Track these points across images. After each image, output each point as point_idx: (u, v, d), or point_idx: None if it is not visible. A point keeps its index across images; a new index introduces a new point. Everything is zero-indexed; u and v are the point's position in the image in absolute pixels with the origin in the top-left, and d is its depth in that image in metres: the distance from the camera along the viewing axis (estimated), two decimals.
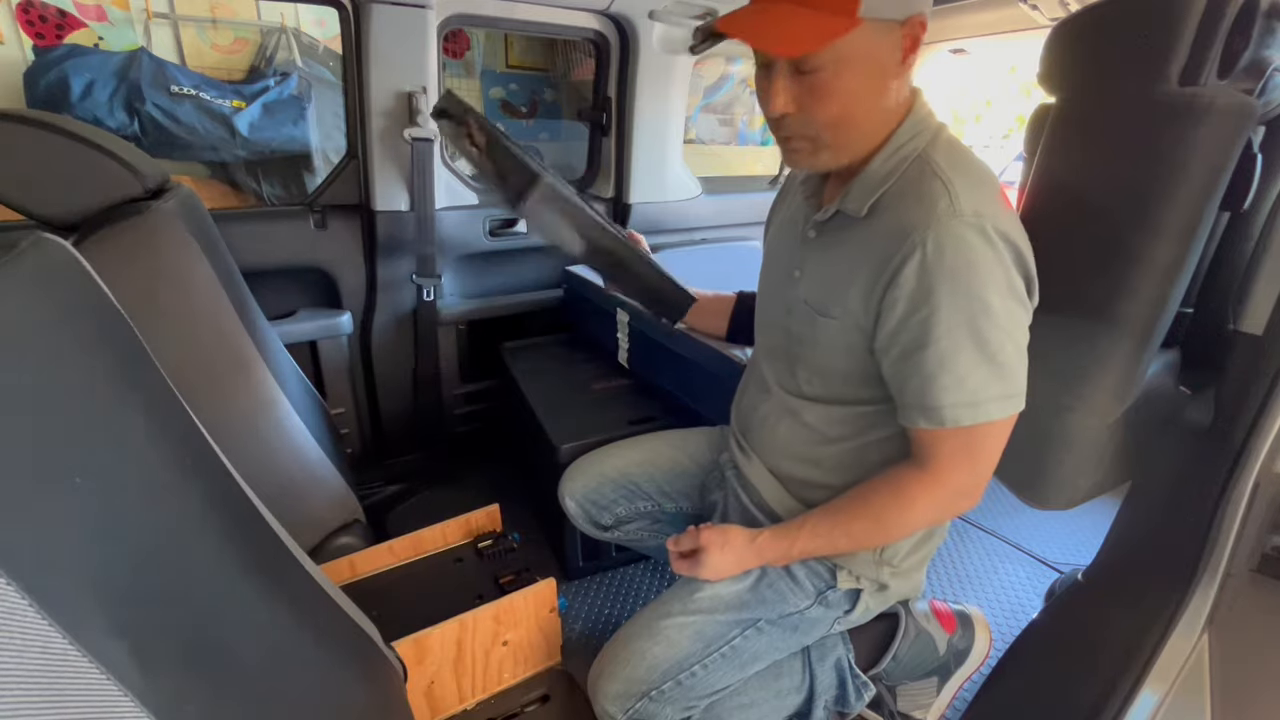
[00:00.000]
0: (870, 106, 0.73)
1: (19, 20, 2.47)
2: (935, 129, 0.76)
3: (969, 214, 0.68)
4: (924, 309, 0.69)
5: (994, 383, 0.70)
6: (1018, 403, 0.73)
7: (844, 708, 0.98)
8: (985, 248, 0.68)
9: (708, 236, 2.24)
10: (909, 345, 0.72)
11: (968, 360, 0.70)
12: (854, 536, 0.83)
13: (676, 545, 0.89)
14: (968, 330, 0.69)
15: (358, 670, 0.76)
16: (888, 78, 0.71)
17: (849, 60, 0.68)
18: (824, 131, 0.73)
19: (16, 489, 0.36)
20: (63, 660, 0.33)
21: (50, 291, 0.50)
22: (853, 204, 0.76)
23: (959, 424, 0.71)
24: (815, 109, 0.71)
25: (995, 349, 0.69)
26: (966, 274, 0.68)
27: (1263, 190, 0.80)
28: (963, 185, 0.70)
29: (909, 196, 0.72)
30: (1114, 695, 0.76)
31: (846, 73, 0.69)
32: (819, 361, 0.83)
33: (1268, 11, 0.75)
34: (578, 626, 1.34)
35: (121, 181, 0.95)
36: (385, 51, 1.47)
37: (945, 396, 0.71)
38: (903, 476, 0.78)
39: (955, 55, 1.95)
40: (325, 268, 1.65)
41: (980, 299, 0.68)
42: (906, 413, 0.76)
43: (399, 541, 1.22)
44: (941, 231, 0.68)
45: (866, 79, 0.70)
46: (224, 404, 1.04)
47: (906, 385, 0.74)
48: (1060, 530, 1.69)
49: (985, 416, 0.71)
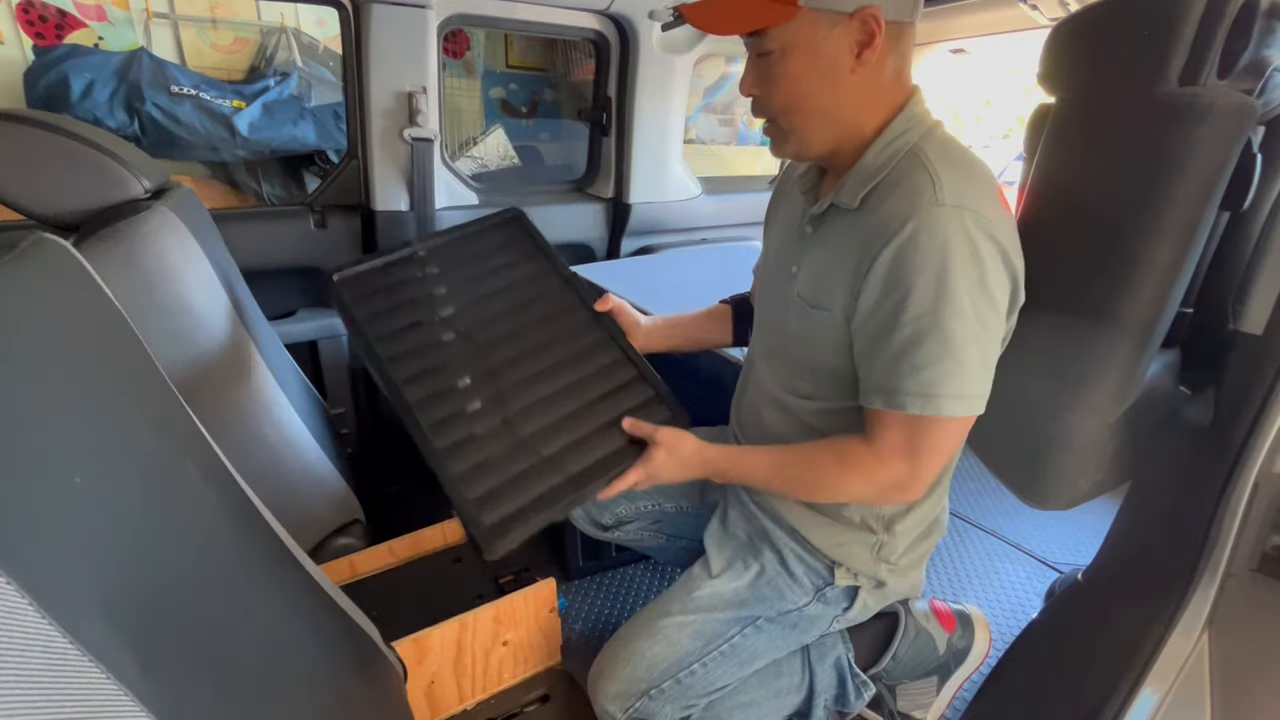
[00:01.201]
0: (823, 97, 0.74)
1: (19, 20, 2.47)
2: (930, 125, 0.76)
3: (950, 205, 0.68)
4: (895, 294, 0.70)
5: (951, 380, 0.70)
6: (973, 405, 0.72)
7: (844, 707, 0.98)
8: (962, 241, 0.68)
9: (708, 237, 2.24)
10: (876, 330, 0.73)
11: (928, 351, 0.70)
12: (788, 483, 0.84)
13: (636, 429, 0.86)
14: (932, 321, 0.69)
15: (358, 670, 0.76)
16: (839, 70, 0.72)
17: (794, 47, 0.71)
18: (780, 117, 0.77)
19: (17, 488, 0.36)
20: (63, 660, 0.33)
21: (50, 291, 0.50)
22: (845, 197, 0.77)
23: (906, 410, 0.72)
24: (768, 93, 0.76)
25: (958, 346, 0.69)
26: (939, 265, 0.68)
27: (1263, 190, 0.80)
28: (949, 178, 0.70)
29: (898, 188, 0.72)
30: (1114, 695, 0.76)
31: (792, 59, 0.72)
32: (812, 359, 0.83)
33: (1268, 11, 0.75)
34: (578, 626, 1.34)
35: (121, 181, 0.95)
36: (385, 51, 1.47)
37: (902, 382, 0.71)
38: (850, 446, 0.79)
39: (955, 55, 1.95)
40: (325, 268, 1.65)
41: (950, 292, 0.68)
42: (866, 393, 0.76)
43: (399, 541, 1.22)
44: (921, 220, 0.68)
45: (812, 68, 0.72)
46: (224, 404, 1.04)
47: (872, 367, 0.75)
48: (1060, 530, 1.69)
49: (935, 410, 0.71)
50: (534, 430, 0.88)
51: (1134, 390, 0.84)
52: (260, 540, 0.68)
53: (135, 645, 0.39)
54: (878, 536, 0.88)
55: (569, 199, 2.05)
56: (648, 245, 2.14)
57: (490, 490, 0.84)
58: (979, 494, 1.85)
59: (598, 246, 2.10)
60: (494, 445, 0.87)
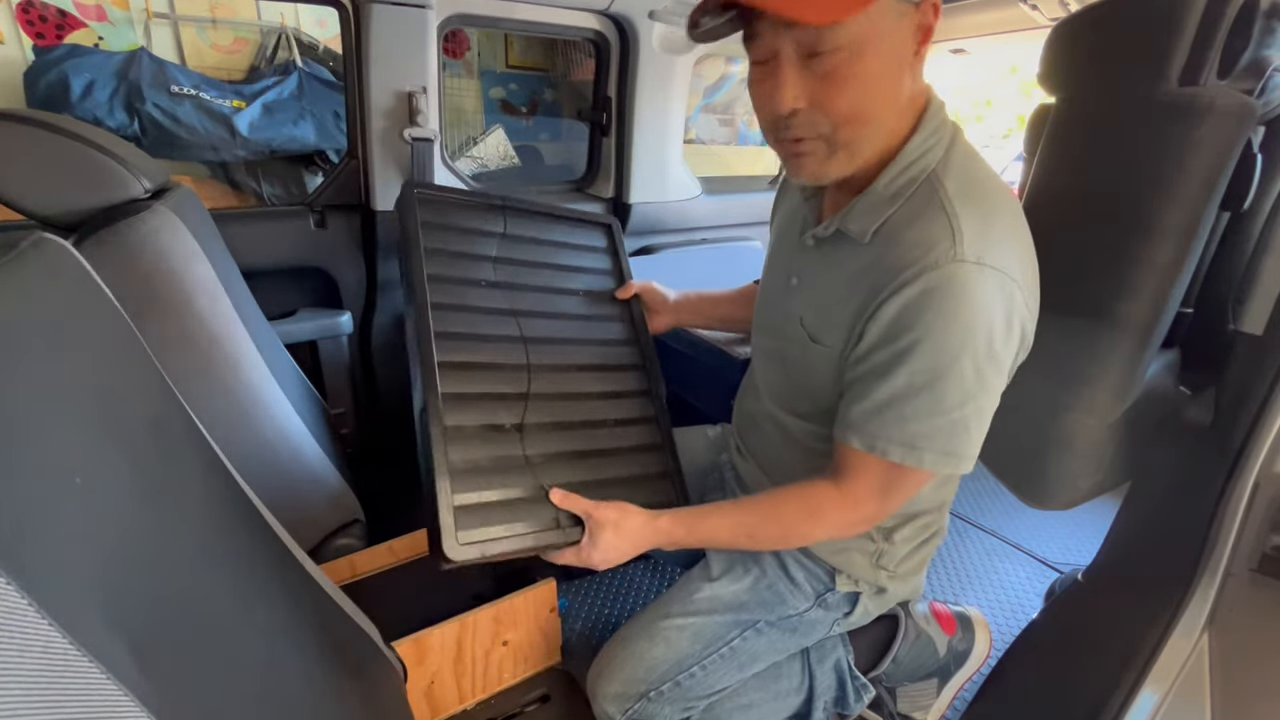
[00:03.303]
0: (887, 100, 0.65)
1: (19, 20, 2.47)
2: (950, 140, 0.70)
3: (971, 261, 0.62)
4: (895, 345, 0.66)
5: (938, 437, 0.67)
6: (958, 463, 0.68)
7: (844, 709, 0.98)
8: (979, 309, 0.63)
9: (708, 236, 2.24)
10: (867, 372, 0.69)
11: (918, 407, 0.66)
12: (757, 541, 0.81)
13: (569, 504, 0.80)
14: (929, 379, 0.65)
15: (358, 670, 0.76)
16: (903, 67, 0.65)
17: (869, 40, 0.60)
18: (840, 128, 0.65)
19: (17, 489, 0.36)
20: (63, 660, 0.33)
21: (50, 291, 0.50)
22: (855, 225, 0.71)
23: (887, 457, 0.68)
24: (832, 100, 0.63)
25: (951, 406, 0.65)
26: (946, 328, 0.63)
27: (1263, 190, 0.80)
28: (970, 224, 0.64)
29: (913, 229, 0.67)
30: (1114, 695, 0.76)
31: (868, 54, 0.61)
32: (812, 386, 0.81)
33: (1268, 11, 0.75)
34: (578, 626, 1.34)
35: (121, 181, 0.95)
36: (385, 51, 1.47)
37: (885, 429, 0.68)
38: (818, 493, 0.76)
39: (955, 55, 1.96)
40: (325, 268, 1.65)
41: (955, 359, 0.63)
42: (842, 428, 0.72)
43: (399, 541, 1.22)
44: (936, 276, 0.63)
45: (886, 64, 0.62)
46: (224, 404, 1.04)
47: (853, 405, 0.71)
48: (1060, 530, 1.69)
49: (917, 462, 0.68)
50: (542, 455, 0.83)
51: (1134, 390, 0.84)
52: (260, 540, 0.68)
53: (135, 645, 0.39)
54: (877, 545, 0.87)
55: (569, 199, 2.05)
56: (648, 245, 2.14)
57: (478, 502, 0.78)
58: (979, 494, 1.85)
59: None
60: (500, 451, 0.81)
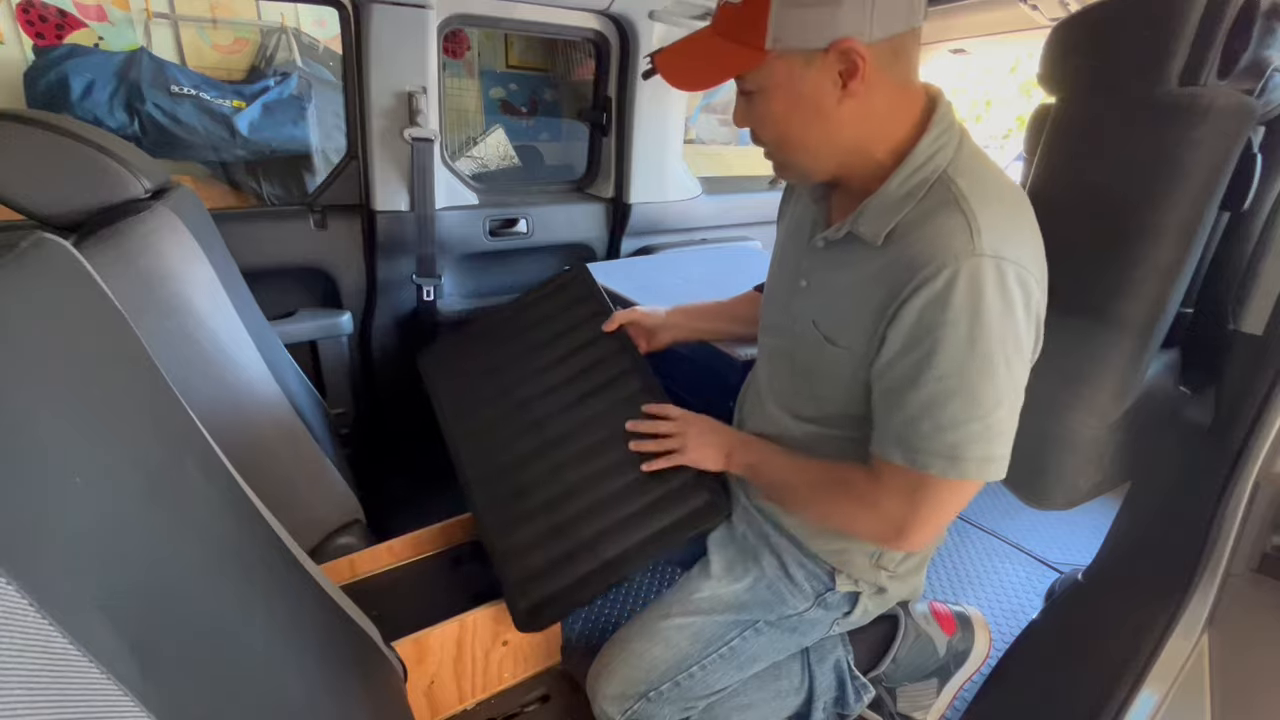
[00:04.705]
0: (812, 133, 0.70)
1: (19, 20, 2.47)
2: (957, 143, 0.70)
3: (990, 254, 0.62)
4: (920, 348, 0.65)
5: (978, 443, 0.66)
6: (998, 469, 0.68)
7: (843, 709, 0.98)
8: (1000, 298, 0.62)
9: (708, 236, 2.24)
10: (896, 382, 0.69)
11: (954, 412, 0.65)
12: (801, 504, 0.85)
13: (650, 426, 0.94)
14: (960, 381, 0.64)
15: (358, 670, 0.76)
16: (824, 106, 0.68)
17: (771, 89, 0.69)
18: (774, 151, 0.75)
19: (17, 488, 0.36)
20: (63, 660, 0.33)
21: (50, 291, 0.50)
22: (866, 228, 0.71)
23: (928, 470, 0.68)
24: (758, 130, 0.74)
25: (988, 409, 0.65)
26: (973, 323, 0.62)
27: (1263, 190, 0.80)
28: (987, 219, 0.64)
29: (929, 227, 0.66)
30: (1114, 695, 0.76)
31: (773, 100, 0.69)
32: (822, 390, 0.80)
33: (1268, 11, 0.75)
34: (578, 626, 1.34)
35: (121, 181, 0.95)
36: (385, 51, 1.47)
37: (925, 442, 0.67)
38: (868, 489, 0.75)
39: (955, 55, 1.95)
40: (325, 268, 1.65)
41: (984, 354, 0.63)
42: (882, 442, 0.72)
43: (399, 541, 1.22)
44: (956, 270, 0.62)
45: (793, 108, 0.69)
46: (224, 404, 1.04)
47: (890, 418, 0.70)
48: (1060, 530, 1.69)
49: (960, 474, 0.67)
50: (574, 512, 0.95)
51: (1134, 390, 0.84)
52: (260, 540, 0.68)
53: (135, 645, 0.39)
54: (877, 545, 0.87)
55: (569, 199, 2.05)
56: (648, 245, 2.14)
57: (531, 572, 0.93)
58: (979, 494, 1.85)
59: (598, 247, 2.10)
60: (538, 524, 0.96)
